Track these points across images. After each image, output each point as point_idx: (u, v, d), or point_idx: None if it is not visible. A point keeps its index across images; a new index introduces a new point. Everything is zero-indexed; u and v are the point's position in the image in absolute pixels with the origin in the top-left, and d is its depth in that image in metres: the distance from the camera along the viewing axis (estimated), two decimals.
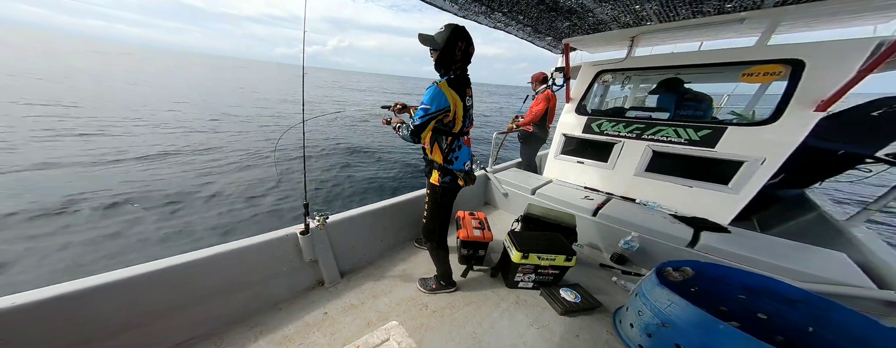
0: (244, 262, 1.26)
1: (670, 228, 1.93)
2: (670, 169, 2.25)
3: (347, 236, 1.63)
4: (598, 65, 2.46)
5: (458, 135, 1.28)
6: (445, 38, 1.11)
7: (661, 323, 1.22)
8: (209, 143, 6.54)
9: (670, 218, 2.10)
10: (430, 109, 1.13)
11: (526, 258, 1.54)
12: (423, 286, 1.57)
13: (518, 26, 2.05)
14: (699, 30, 1.83)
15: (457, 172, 1.32)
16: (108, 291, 0.96)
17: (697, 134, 2.05)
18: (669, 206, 2.27)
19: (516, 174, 2.87)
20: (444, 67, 1.18)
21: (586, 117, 2.54)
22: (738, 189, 1.95)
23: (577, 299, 1.54)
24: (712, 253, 1.76)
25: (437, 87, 1.13)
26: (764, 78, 1.80)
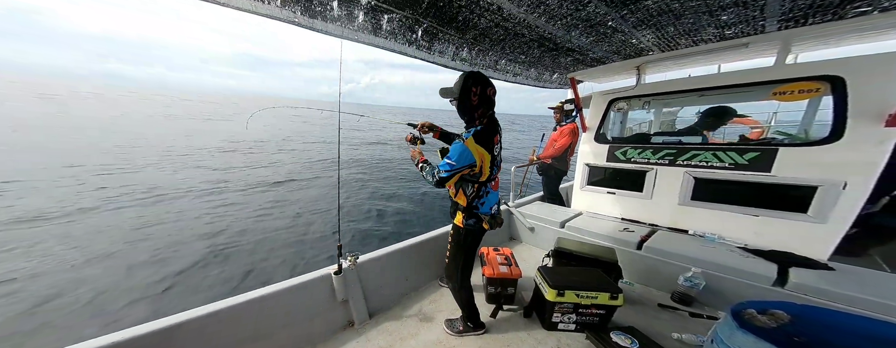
0: (286, 303, 1.33)
1: (743, 263, 1.64)
2: (723, 196, 2.03)
3: (376, 276, 1.67)
4: (609, 94, 2.52)
5: (485, 183, 1.25)
6: (460, 87, 1.13)
7: None
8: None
9: (740, 251, 1.80)
10: (456, 165, 1.13)
11: (562, 295, 1.42)
12: (450, 328, 1.49)
13: (524, 73, 2.26)
14: (705, 56, 1.89)
15: (482, 216, 1.28)
16: (153, 340, 1.02)
17: (743, 157, 1.89)
18: (734, 238, 1.96)
19: (541, 207, 2.80)
20: (467, 115, 1.18)
21: (608, 145, 2.53)
22: (825, 217, 1.66)
23: (635, 345, 1.29)
24: (810, 293, 1.42)
25: (463, 144, 1.12)
26: (800, 96, 1.72)
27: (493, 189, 1.32)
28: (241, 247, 3.96)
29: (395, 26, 1.38)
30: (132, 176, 6.63)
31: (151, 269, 3.31)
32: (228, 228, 4.43)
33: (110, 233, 4.04)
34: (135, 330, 1.02)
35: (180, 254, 3.68)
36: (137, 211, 4.83)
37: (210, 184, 6.50)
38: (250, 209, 5.23)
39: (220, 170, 7.59)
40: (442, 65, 1.88)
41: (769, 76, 1.79)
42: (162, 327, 1.06)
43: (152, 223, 4.44)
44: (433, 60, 1.82)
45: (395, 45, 1.57)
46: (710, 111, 2.34)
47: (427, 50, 1.68)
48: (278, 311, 1.32)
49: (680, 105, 2.93)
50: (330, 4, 1.14)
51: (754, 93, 2.08)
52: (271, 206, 5.39)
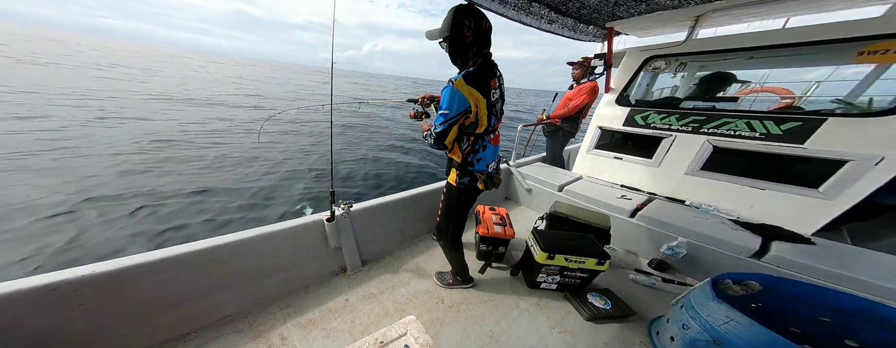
0: (278, 246, 1.35)
1: (730, 235, 1.68)
2: (735, 167, 1.94)
3: (369, 225, 1.68)
4: (647, 50, 2.18)
5: (482, 135, 1.13)
6: (450, 22, 0.96)
7: (713, 340, 1.07)
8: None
9: (730, 223, 1.83)
10: (450, 114, 0.99)
11: (551, 258, 1.45)
12: (440, 280, 1.57)
13: (560, 21, 1.87)
14: (801, 2, 1.50)
15: (477, 174, 1.17)
16: (155, 268, 1.04)
17: (780, 127, 1.71)
18: (729, 210, 1.97)
19: (541, 169, 2.72)
20: (461, 57, 1.02)
21: (629, 109, 2.30)
22: (835, 194, 1.60)
23: (608, 305, 1.42)
24: (787, 266, 1.49)
25: (451, 86, 0.97)
26: (894, 56, 1.40)
27: (491, 143, 1.18)
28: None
29: None
30: None
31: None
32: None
33: None
34: (123, 261, 1.01)
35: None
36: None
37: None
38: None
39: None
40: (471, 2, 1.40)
41: (862, 31, 1.44)
42: (154, 260, 1.05)
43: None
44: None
45: None
46: (708, 77, 2.11)
47: None
48: (270, 253, 1.33)
49: (718, 68, 2.52)
50: None
51: (828, 55, 1.72)
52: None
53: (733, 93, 2.26)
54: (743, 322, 1.02)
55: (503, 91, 1.13)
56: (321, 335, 1.21)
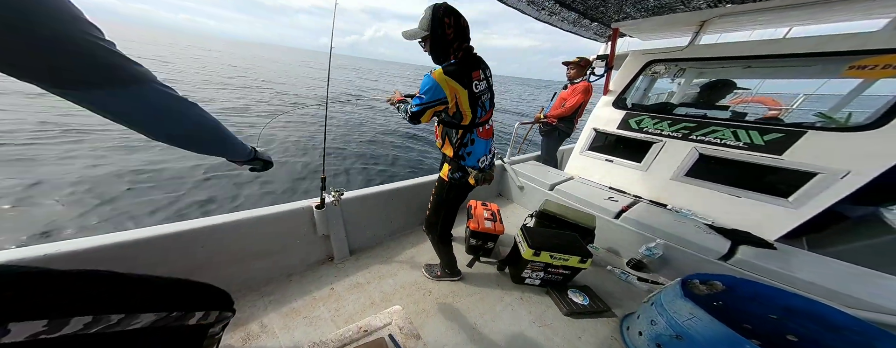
0: (263, 231, 1.31)
1: (703, 238, 1.80)
2: (716, 175, 2.04)
3: (359, 214, 1.67)
4: (649, 53, 2.19)
5: (469, 128, 1.13)
6: (429, 21, 0.98)
7: (676, 335, 1.18)
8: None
9: (705, 227, 1.95)
10: (425, 100, 1.03)
11: (537, 255, 1.52)
12: (429, 272, 1.61)
13: (561, 13, 1.84)
14: (800, 10, 1.50)
15: (469, 169, 1.19)
16: (126, 248, 0.98)
17: (763, 137, 1.79)
18: (706, 215, 2.10)
19: (535, 167, 2.77)
20: (443, 54, 1.04)
21: (625, 112, 2.34)
22: (800, 204, 1.73)
23: (585, 301, 1.51)
24: (749, 269, 1.62)
25: (430, 76, 1.01)
26: (883, 72, 1.44)
27: (480, 136, 1.17)
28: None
29: None
30: None
31: None
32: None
33: None
34: (97, 240, 0.95)
35: None
36: None
37: None
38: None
39: None
40: None
41: (856, 45, 1.47)
42: (129, 239, 0.99)
43: None
44: None
45: None
46: (708, 85, 2.16)
47: None
48: (254, 238, 1.29)
49: (715, 76, 2.59)
50: None
51: (820, 69, 1.78)
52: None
53: (726, 101, 2.33)
54: (704, 318, 1.12)
55: (491, 83, 1.13)
56: (304, 323, 1.20)
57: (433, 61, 1.07)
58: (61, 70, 0.36)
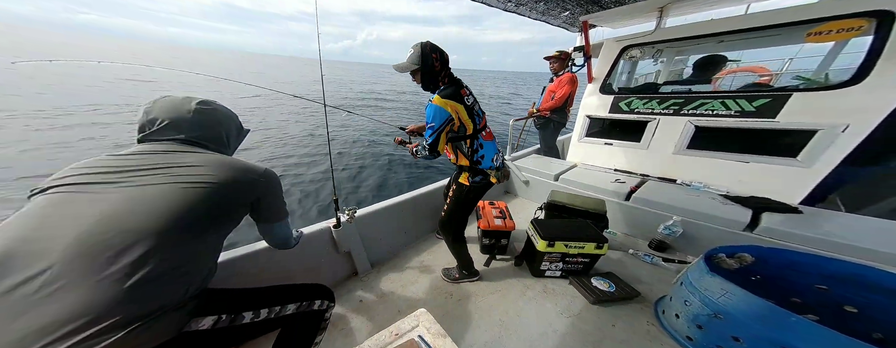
0: (294, 255, 1.33)
1: (721, 210, 1.71)
2: (718, 144, 2.00)
3: (374, 229, 1.70)
4: (622, 40, 2.25)
5: (474, 136, 1.26)
6: (419, 56, 1.14)
7: (714, 313, 1.10)
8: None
9: (721, 198, 1.86)
10: (436, 125, 1.17)
11: (552, 246, 1.48)
12: (447, 276, 1.59)
13: (530, 4, 1.94)
14: None
15: (488, 171, 1.31)
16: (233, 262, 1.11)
17: (752, 104, 1.80)
18: (720, 186, 2.01)
19: (537, 160, 2.75)
20: (432, 83, 1.21)
21: (613, 96, 2.35)
22: (811, 161, 1.68)
23: (612, 288, 1.44)
24: (778, 237, 1.53)
25: (432, 104, 1.17)
26: (838, 36, 1.53)
27: (486, 140, 1.31)
28: None
29: None
30: None
31: None
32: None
33: None
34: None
35: None
36: None
37: None
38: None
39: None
40: None
41: (806, 15, 1.56)
42: (226, 259, 1.10)
43: None
44: None
45: None
46: (701, 60, 2.17)
47: None
48: (289, 261, 1.35)
49: (694, 53, 2.65)
50: None
51: (785, 37, 1.84)
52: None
53: (719, 74, 2.34)
54: (737, 293, 1.05)
55: (474, 96, 1.31)
56: (341, 335, 1.24)
57: (423, 89, 1.23)
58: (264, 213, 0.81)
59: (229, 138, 0.80)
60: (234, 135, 0.83)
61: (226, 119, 0.79)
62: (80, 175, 0.58)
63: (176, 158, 0.64)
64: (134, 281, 0.50)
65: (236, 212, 0.70)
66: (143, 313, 0.51)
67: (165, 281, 0.55)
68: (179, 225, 0.57)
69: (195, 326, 0.61)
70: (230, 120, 0.81)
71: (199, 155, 0.67)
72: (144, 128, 0.70)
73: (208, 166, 0.65)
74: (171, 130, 0.69)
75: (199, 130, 0.73)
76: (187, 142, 0.70)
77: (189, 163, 0.64)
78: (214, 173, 0.64)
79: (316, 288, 0.92)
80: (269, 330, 0.79)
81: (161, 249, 0.54)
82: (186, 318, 0.59)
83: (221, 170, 0.66)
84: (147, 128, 0.69)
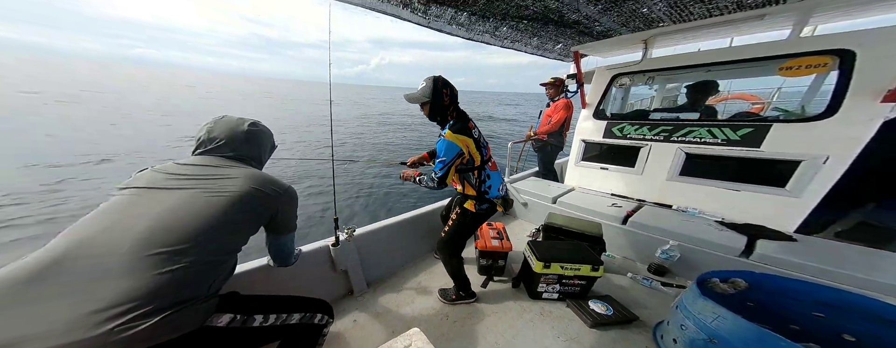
0: (290, 271, 1.34)
1: (717, 236, 1.74)
2: (709, 172, 2.07)
3: (372, 248, 1.72)
4: (613, 69, 2.42)
5: (481, 167, 1.32)
6: (431, 90, 1.21)
7: (709, 338, 1.09)
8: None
9: (716, 225, 1.90)
10: (447, 160, 1.23)
11: (548, 267, 1.51)
12: (444, 296, 1.59)
13: (524, 40, 2.13)
14: (717, 28, 1.76)
15: (495, 200, 1.36)
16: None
17: (737, 133, 1.89)
18: (713, 212, 2.05)
19: (535, 183, 2.83)
20: (440, 115, 1.27)
21: (606, 122, 2.48)
22: (800, 191, 1.73)
23: (610, 311, 1.43)
24: (773, 263, 1.54)
25: (445, 139, 1.22)
26: (806, 71, 1.66)
27: (491, 169, 1.38)
28: None
29: None
30: None
31: None
32: None
33: None
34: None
35: None
36: None
37: None
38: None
39: None
40: (436, 29, 1.69)
41: (778, 50, 1.70)
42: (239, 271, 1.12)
43: None
44: (429, 25, 1.63)
45: (389, 8, 1.39)
46: (692, 87, 2.28)
47: (423, 14, 1.48)
48: (284, 278, 1.36)
49: (683, 81, 2.82)
50: None
51: (764, 69, 1.98)
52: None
53: (710, 100, 2.41)
54: (728, 317, 1.06)
55: (479, 129, 1.39)
56: None
57: (429, 120, 1.30)
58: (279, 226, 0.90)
59: (264, 153, 0.96)
60: (268, 150, 0.98)
61: (266, 138, 0.95)
62: (151, 179, 0.73)
63: (223, 171, 0.78)
64: (171, 273, 0.59)
65: (259, 219, 0.81)
66: (176, 301, 0.58)
67: (195, 275, 0.63)
68: (214, 226, 0.67)
69: (215, 321, 0.67)
70: (269, 138, 0.97)
71: (240, 169, 0.81)
72: (204, 143, 0.84)
73: (246, 179, 0.78)
74: (225, 147, 0.84)
75: (246, 148, 0.87)
76: (234, 158, 0.84)
77: (233, 175, 0.77)
78: (250, 186, 0.77)
79: (318, 303, 0.97)
80: (271, 340, 0.83)
81: (195, 247, 0.63)
82: (210, 311, 0.66)
83: (255, 183, 0.78)
84: (206, 145, 0.83)
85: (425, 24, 1.62)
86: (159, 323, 0.55)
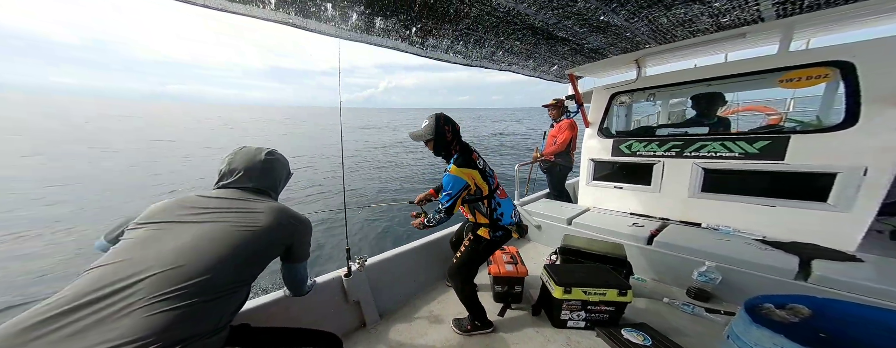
0: (304, 304, 1.32)
1: (762, 256, 1.57)
2: (735, 187, 1.95)
3: (384, 277, 1.67)
4: (610, 88, 2.47)
5: (490, 196, 1.32)
6: (433, 128, 1.26)
7: None
8: None
9: (758, 244, 1.72)
10: (452, 193, 1.26)
11: (568, 293, 1.38)
12: (458, 327, 1.47)
13: (521, 63, 2.21)
14: (703, 47, 1.82)
15: (509, 227, 1.35)
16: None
17: (754, 146, 1.82)
18: (750, 230, 1.88)
19: (547, 204, 2.74)
20: (444, 150, 1.30)
21: (612, 140, 2.47)
22: (848, 205, 1.57)
23: (648, 341, 1.24)
24: (839, 287, 1.33)
25: (450, 174, 1.25)
26: (807, 82, 1.66)
27: (501, 197, 1.37)
28: None
29: (388, 24, 1.36)
30: None
31: None
32: None
33: None
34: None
35: None
36: None
37: None
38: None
39: None
40: (435, 58, 1.85)
41: (773, 64, 1.72)
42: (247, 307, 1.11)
43: None
44: (427, 55, 1.80)
45: (389, 42, 1.56)
46: (697, 99, 2.24)
47: (421, 46, 1.66)
48: (299, 310, 1.32)
49: (686, 96, 2.80)
50: (324, 6, 1.13)
51: (762, 82, 1.99)
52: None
53: (720, 112, 2.35)
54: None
55: (484, 159, 1.41)
56: None
57: (434, 155, 1.34)
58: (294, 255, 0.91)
59: (280, 182, 0.98)
60: (284, 179, 1.00)
61: (282, 166, 0.96)
62: (173, 211, 0.74)
63: (248, 204, 0.80)
64: (188, 307, 0.59)
65: (276, 250, 0.82)
66: (187, 335, 0.58)
67: (210, 308, 0.63)
68: (236, 258, 0.68)
69: None
70: (285, 166, 0.98)
71: (263, 203, 0.82)
72: (225, 176, 0.86)
73: (266, 212, 0.79)
74: (245, 179, 0.85)
75: (264, 179, 0.89)
76: (254, 190, 0.86)
77: (258, 209, 0.79)
78: (269, 219, 0.78)
79: (327, 336, 0.95)
80: None
81: (215, 279, 0.64)
82: (219, 345, 0.66)
83: (278, 216, 0.80)
84: (227, 177, 0.86)
85: (423, 55, 1.77)
86: None
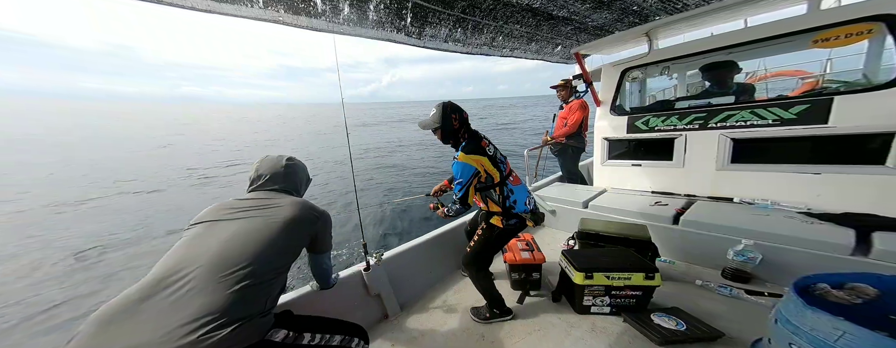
0: (331, 299, 1.36)
1: (810, 231, 1.41)
2: (770, 156, 1.77)
3: (401, 270, 1.67)
4: (620, 64, 2.31)
5: (502, 183, 1.28)
6: (440, 117, 1.25)
7: None
8: None
9: (802, 217, 1.54)
10: (463, 180, 1.23)
11: (590, 278, 1.31)
12: (477, 315, 1.45)
13: (523, 47, 2.10)
14: (720, 13, 1.64)
15: (523, 215, 1.32)
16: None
17: (790, 111, 1.64)
18: (791, 202, 1.69)
19: (561, 188, 2.62)
20: (452, 138, 1.29)
21: (627, 117, 2.31)
22: None
23: (681, 327, 1.16)
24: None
25: (458, 161, 1.24)
26: (847, 40, 1.49)
27: (513, 184, 1.33)
28: None
29: (381, 15, 1.31)
30: None
31: None
32: None
33: None
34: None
35: None
36: None
37: None
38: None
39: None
40: (434, 48, 1.79)
41: (805, 24, 1.54)
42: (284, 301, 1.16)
43: None
44: (426, 45, 1.74)
45: (384, 34, 1.52)
46: (707, 67, 2.03)
47: (418, 36, 1.60)
48: (326, 303, 1.35)
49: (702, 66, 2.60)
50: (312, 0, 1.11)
51: (791, 45, 1.77)
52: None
53: (745, 80, 2.22)
54: (863, 336, 0.78)
55: (494, 144, 1.38)
56: None
57: (442, 143, 1.33)
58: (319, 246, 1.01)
59: (301, 184, 1.10)
60: (304, 182, 1.13)
61: (301, 171, 1.10)
62: (216, 212, 0.87)
63: (273, 201, 0.92)
64: (240, 290, 0.68)
65: (303, 240, 0.93)
66: (243, 315, 0.67)
67: (256, 292, 0.72)
68: (270, 247, 0.79)
69: (273, 336, 0.74)
70: (303, 171, 1.12)
71: (286, 198, 0.95)
72: (255, 181, 1.00)
73: (291, 206, 0.91)
74: (271, 182, 0.99)
75: (286, 181, 1.02)
76: (280, 190, 0.99)
77: (281, 204, 0.91)
78: (294, 213, 0.89)
79: (355, 328, 1.02)
80: None
81: (256, 267, 0.74)
82: (268, 326, 0.74)
83: (299, 209, 0.92)
84: (256, 182, 1.00)
85: (422, 46, 1.71)
86: (230, 335, 0.63)
